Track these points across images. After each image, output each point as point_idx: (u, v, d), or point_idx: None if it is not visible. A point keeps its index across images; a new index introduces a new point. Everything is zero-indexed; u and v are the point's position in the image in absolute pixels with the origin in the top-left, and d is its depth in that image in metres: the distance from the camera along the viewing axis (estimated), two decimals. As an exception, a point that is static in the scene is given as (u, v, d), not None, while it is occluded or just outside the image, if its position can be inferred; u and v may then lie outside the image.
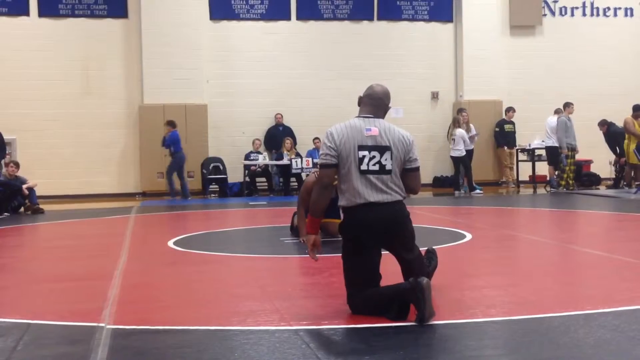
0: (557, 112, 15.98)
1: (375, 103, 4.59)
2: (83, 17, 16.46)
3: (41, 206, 12.97)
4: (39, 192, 13.36)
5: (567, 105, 15.78)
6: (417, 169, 4.60)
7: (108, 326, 4.28)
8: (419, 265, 4.54)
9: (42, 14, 16.28)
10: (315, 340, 3.95)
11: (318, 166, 4.56)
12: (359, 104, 4.67)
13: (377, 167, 4.42)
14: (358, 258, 4.44)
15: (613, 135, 16.17)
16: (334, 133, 4.47)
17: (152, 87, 16.34)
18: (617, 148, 16.10)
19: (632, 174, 15.46)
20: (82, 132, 16.34)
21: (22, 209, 12.92)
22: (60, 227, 10.96)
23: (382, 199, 4.41)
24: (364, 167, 4.41)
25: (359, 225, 4.40)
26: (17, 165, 13.26)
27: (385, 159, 4.43)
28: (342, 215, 4.60)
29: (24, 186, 12.84)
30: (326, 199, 4.51)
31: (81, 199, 15.75)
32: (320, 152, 4.54)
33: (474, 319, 4.33)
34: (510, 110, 17.51)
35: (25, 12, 16.20)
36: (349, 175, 4.41)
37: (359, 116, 4.57)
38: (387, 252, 4.57)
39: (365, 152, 4.41)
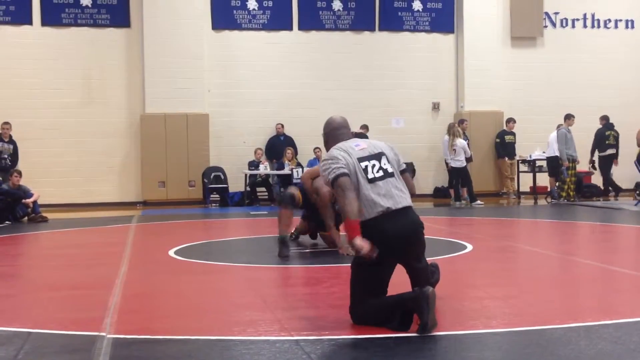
0: (559, 127, 15.99)
1: (343, 131, 4.75)
2: (86, 26, 16.51)
3: (44, 214, 13.01)
4: (40, 200, 13.38)
5: (568, 117, 15.81)
6: (407, 169, 4.75)
7: (109, 335, 4.28)
8: (426, 275, 4.56)
9: (44, 23, 16.33)
10: (316, 350, 3.95)
11: (331, 181, 4.43)
12: (326, 142, 4.78)
13: (381, 173, 4.49)
14: (373, 271, 4.41)
15: (597, 134, 16.65)
16: (333, 154, 4.51)
17: (153, 97, 16.38)
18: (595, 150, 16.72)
19: None
20: (83, 140, 16.37)
21: (25, 219, 12.94)
22: (61, 235, 10.96)
23: (396, 203, 4.42)
24: (370, 175, 4.45)
25: (379, 238, 4.35)
26: (20, 174, 13.31)
27: (384, 164, 4.52)
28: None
29: (28, 200, 12.88)
30: (356, 199, 4.38)
31: (82, 207, 15.76)
32: (328, 169, 4.43)
33: (474, 330, 4.33)
34: (510, 121, 17.52)
35: (28, 21, 16.25)
36: (361, 188, 4.42)
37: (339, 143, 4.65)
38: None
39: (366, 162, 4.48)
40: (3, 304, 5.57)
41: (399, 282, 4.63)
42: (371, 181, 4.43)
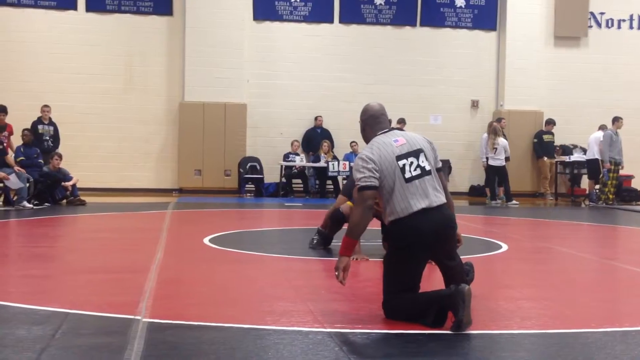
0: (601, 127, 15.74)
1: (382, 119, 4.66)
2: (129, 13, 16.68)
3: (82, 198, 13.21)
4: (79, 184, 13.60)
5: (616, 119, 15.50)
6: (442, 168, 4.72)
7: (144, 319, 4.33)
8: (460, 273, 4.53)
9: (89, 8, 16.55)
10: (349, 343, 3.95)
11: (358, 187, 4.43)
12: (364, 129, 4.70)
13: (419, 171, 4.45)
14: (406, 266, 4.41)
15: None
16: (368, 154, 4.45)
17: (193, 85, 16.50)
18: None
19: None
20: (123, 126, 16.57)
21: (64, 201, 13.16)
22: (98, 219, 11.13)
23: (432, 203, 4.41)
24: (407, 174, 4.42)
25: (413, 233, 4.37)
26: (60, 157, 13.55)
27: (422, 161, 4.48)
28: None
29: (68, 183, 13.10)
30: (369, 220, 4.47)
31: (119, 192, 15.96)
32: (359, 175, 4.42)
33: (509, 330, 4.30)
34: (550, 122, 17.23)
35: (73, 7, 16.49)
36: (397, 188, 4.40)
37: (377, 134, 4.59)
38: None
39: (404, 160, 4.44)
40: (42, 285, 5.68)
41: (432, 278, 4.61)
42: (408, 180, 4.41)
